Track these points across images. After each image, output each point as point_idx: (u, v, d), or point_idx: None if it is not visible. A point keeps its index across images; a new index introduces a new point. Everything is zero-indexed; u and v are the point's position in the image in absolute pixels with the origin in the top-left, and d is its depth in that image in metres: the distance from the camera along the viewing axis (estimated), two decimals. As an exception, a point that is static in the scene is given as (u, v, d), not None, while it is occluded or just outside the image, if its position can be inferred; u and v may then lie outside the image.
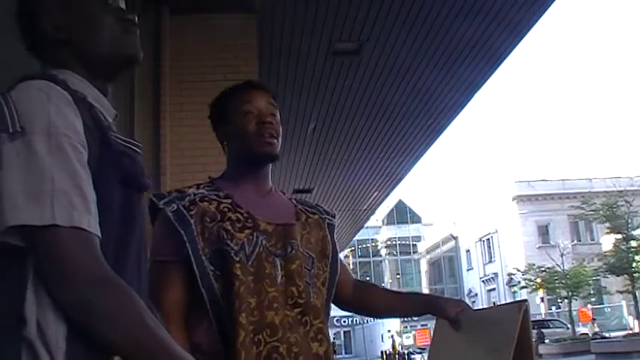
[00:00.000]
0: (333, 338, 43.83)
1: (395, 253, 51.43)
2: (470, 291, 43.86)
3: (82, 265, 0.91)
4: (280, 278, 1.51)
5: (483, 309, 3.09)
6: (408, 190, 79.34)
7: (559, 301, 27.72)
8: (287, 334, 1.48)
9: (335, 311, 1.78)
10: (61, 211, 0.91)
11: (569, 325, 24.66)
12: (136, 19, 1.20)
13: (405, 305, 1.89)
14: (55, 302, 0.91)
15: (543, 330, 23.45)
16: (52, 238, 0.91)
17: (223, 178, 1.67)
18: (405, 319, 41.99)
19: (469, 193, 76.38)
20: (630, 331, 22.22)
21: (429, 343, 1.95)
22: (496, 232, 39.25)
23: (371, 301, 1.85)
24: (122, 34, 1.15)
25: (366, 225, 17.68)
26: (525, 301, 1.60)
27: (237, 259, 1.47)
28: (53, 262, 0.91)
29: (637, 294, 22.97)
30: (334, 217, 1.77)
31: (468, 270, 44.67)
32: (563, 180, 37.79)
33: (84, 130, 0.99)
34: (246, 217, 1.53)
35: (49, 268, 0.92)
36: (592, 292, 28.43)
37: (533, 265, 27.39)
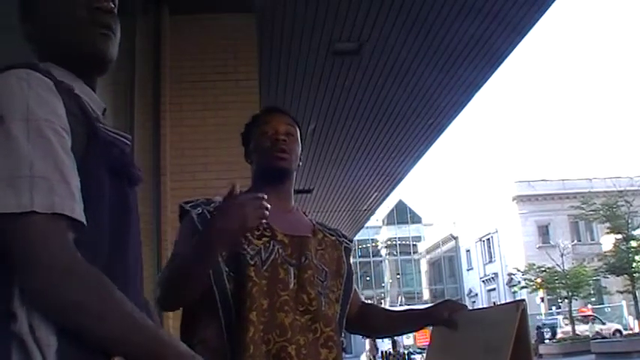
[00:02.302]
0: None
1: (395, 253, 51.40)
2: (470, 291, 43.85)
3: (51, 253, 0.86)
4: (293, 285, 1.59)
5: (481, 309, 3.09)
6: (408, 190, 79.37)
7: (559, 301, 27.73)
8: (296, 336, 1.54)
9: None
10: (40, 197, 0.87)
11: (604, 321, 24.78)
12: (113, 7, 1.12)
13: (402, 323, 1.95)
14: (24, 293, 0.87)
15: (584, 326, 23.57)
16: (26, 225, 0.86)
17: (249, 193, 1.73)
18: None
19: (469, 193, 76.37)
20: (630, 331, 22.25)
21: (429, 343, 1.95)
22: (496, 232, 39.24)
23: (370, 321, 1.91)
24: (90, 28, 1.08)
25: (366, 225, 17.67)
26: (523, 300, 1.60)
27: (252, 262, 1.54)
28: (22, 249, 0.86)
29: (637, 294, 22.97)
30: (351, 241, 1.87)
31: (468, 270, 44.66)
32: (563, 180, 37.78)
33: (70, 118, 0.95)
34: (265, 227, 1.61)
35: (18, 256, 0.87)
36: (592, 292, 28.43)
37: (534, 265, 27.39)
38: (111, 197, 0.99)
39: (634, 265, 23.12)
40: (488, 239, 40.91)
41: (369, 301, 2.18)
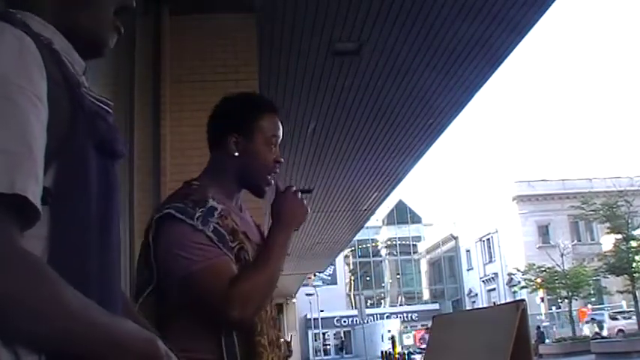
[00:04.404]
0: (334, 338, 43.80)
1: (395, 253, 51.45)
2: (470, 291, 43.88)
3: None
4: None
5: (481, 309, 3.09)
6: (408, 190, 79.32)
7: (559, 301, 27.76)
8: (280, 350, 1.58)
9: (335, 312, 1.80)
10: None
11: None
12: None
13: None
14: None
15: (622, 320, 23.58)
16: None
17: (217, 184, 1.66)
18: (405, 319, 42.08)
19: (469, 193, 76.39)
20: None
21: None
22: (496, 232, 39.27)
23: None
24: (110, 30, 0.99)
25: (366, 225, 17.68)
26: (523, 300, 1.61)
27: None
28: None
29: (637, 294, 22.97)
30: None
31: (468, 270, 44.69)
32: (563, 180, 37.81)
33: (50, 83, 0.81)
34: (243, 237, 1.56)
35: None
36: (592, 292, 28.48)
37: (534, 265, 27.44)
38: (99, 179, 0.88)
39: (634, 265, 23.12)
40: (488, 239, 40.93)
41: (369, 302, 2.20)
